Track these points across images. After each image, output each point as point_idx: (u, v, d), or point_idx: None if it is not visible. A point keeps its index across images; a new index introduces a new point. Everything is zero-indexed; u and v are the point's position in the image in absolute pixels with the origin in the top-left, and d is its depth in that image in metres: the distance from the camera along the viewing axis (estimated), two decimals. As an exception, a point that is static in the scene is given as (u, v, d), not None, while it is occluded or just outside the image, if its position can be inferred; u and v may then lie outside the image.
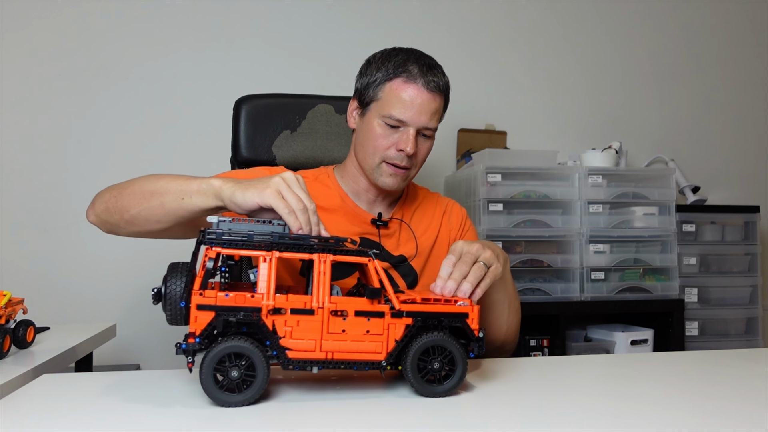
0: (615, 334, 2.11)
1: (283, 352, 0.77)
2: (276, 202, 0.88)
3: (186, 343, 0.75)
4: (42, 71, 2.18)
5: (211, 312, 0.75)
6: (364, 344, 0.79)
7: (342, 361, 0.79)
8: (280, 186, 0.90)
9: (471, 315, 0.83)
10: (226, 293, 0.76)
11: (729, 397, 0.85)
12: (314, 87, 2.05)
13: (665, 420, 0.74)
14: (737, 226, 2.37)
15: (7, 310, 1.12)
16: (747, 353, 1.26)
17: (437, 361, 0.81)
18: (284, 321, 0.77)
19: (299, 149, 1.60)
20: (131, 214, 1.03)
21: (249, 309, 0.76)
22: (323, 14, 2.39)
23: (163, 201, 1.00)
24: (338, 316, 0.79)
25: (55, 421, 0.72)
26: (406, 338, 0.80)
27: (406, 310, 0.81)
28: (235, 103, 1.61)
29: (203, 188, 0.96)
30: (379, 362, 0.80)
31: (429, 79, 1.17)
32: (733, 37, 2.80)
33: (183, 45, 2.28)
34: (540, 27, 2.59)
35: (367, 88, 1.22)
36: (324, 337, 0.78)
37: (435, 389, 0.81)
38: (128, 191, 1.04)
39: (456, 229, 1.37)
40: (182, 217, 1.00)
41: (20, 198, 2.14)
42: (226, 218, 0.82)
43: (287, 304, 0.77)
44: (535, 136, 2.54)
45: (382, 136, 1.19)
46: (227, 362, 0.74)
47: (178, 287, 0.77)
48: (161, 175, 1.04)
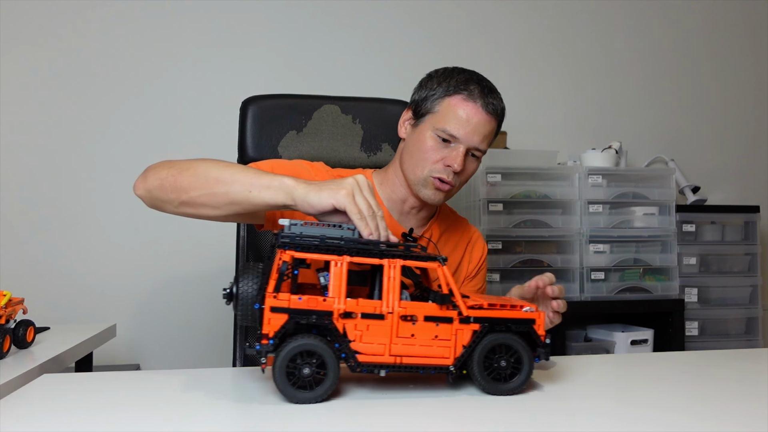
0: (615, 334, 2.11)
1: (353, 355, 0.78)
2: (349, 206, 0.89)
3: (260, 345, 0.76)
4: (43, 71, 2.18)
5: (285, 315, 0.76)
6: (432, 349, 0.80)
7: (410, 365, 0.80)
8: (354, 189, 0.91)
9: (538, 321, 0.84)
10: (299, 296, 0.77)
11: (729, 397, 0.85)
12: (320, 87, 2.05)
13: (665, 420, 0.74)
14: (737, 226, 2.37)
15: (7, 310, 1.12)
16: (747, 353, 1.26)
17: (503, 359, 0.82)
18: (354, 325, 0.78)
19: (305, 149, 1.60)
20: (190, 196, 1.01)
21: (321, 312, 0.77)
22: (330, 15, 2.38)
23: (228, 190, 0.98)
24: (408, 321, 0.79)
25: (55, 421, 0.72)
26: (473, 344, 0.81)
27: (474, 315, 0.81)
28: (242, 103, 1.61)
29: (275, 185, 0.96)
30: (446, 367, 0.81)
31: (488, 101, 1.20)
32: (734, 37, 2.80)
33: (189, 45, 2.28)
34: (540, 27, 2.59)
35: (425, 101, 1.23)
36: (393, 342, 0.79)
37: (502, 387, 0.82)
38: (190, 172, 1.01)
39: (475, 263, 1.38)
40: (245, 209, 1.00)
41: (20, 198, 2.14)
42: (298, 221, 0.83)
43: (358, 309, 0.78)
44: (535, 136, 2.54)
45: (433, 149, 1.20)
46: (298, 361, 0.76)
47: (251, 288, 0.78)
48: (227, 163, 1.02)
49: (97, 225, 2.19)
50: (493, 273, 2.02)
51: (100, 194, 2.19)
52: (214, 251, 2.20)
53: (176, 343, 2.20)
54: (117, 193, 2.20)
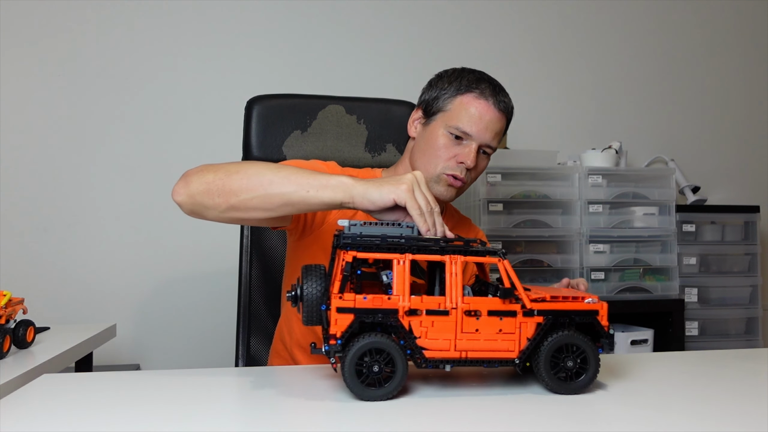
0: (615, 334, 2.11)
1: (420, 351, 0.79)
2: (410, 201, 0.90)
3: (328, 345, 0.77)
4: (44, 71, 2.18)
5: (351, 314, 0.77)
6: (497, 343, 0.81)
7: (476, 359, 0.81)
8: (414, 184, 0.92)
9: (601, 312, 0.84)
10: (364, 296, 0.78)
11: (729, 397, 0.85)
12: (325, 87, 2.05)
13: (665, 420, 0.74)
14: (737, 226, 2.37)
15: (7, 310, 1.12)
16: (747, 353, 1.26)
17: (570, 359, 0.82)
18: (420, 321, 0.79)
19: (309, 149, 1.60)
20: (240, 199, 0.99)
21: (387, 311, 0.78)
22: (335, 15, 2.39)
23: (284, 191, 0.98)
24: (472, 316, 0.80)
25: (55, 421, 0.72)
26: (538, 336, 0.81)
27: (537, 308, 0.82)
28: (247, 103, 1.62)
29: (332, 183, 0.96)
30: (512, 360, 0.81)
31: (500, 99, 1.21)
32: (733, 37, 2.80)
33: (194, 45, 2.28)
34: (540, 27, 2.59)
35: (436, 100, 1.25)
36: (458, 337, 0.80)
37: (568, 386, 0.82)
38: (240, 175, 1.00)
39: None
40: (300, 209, 1.01)
41: (20, 198, 2.14)
42: (357, 222, 0.84)
43: (422, 305, 0.79)
44: (535, 136, 2.54)
45: (445, 146, 1.22)
46: (365, 359, 0.76)
47: (315, 290, 0.79)
48: (275, 165, 1.02)
49: (97, 225, 2.19)
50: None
51: (101, 194, 2.19)
52: (215, 251, 2.20)
53: (176, 343, 2.20)
54: (117, 192, 2.20)
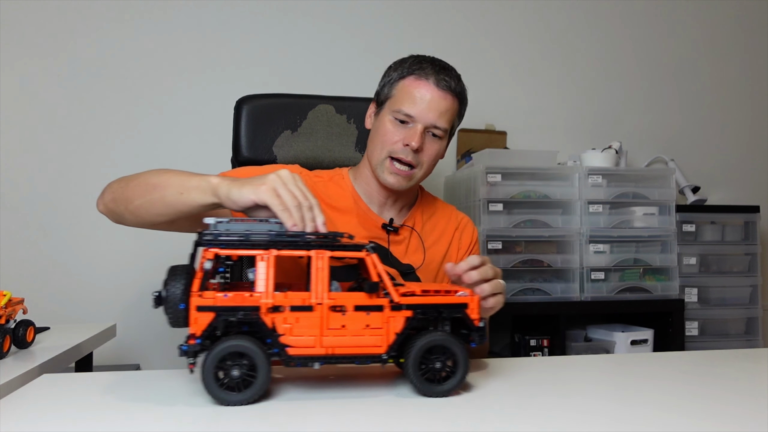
0: (615, 334, 2.11)
1: (284, 349, 0.78)
2: (270, 199, 0.89)
3: (187, 345, 0.75)
4: (42, 71, 2.18)
5: (211, 313, 0.76)
6: (364, 338, 0.80)
7: (343, 356, 0.79)
8: (275, 183, 0.91)
9: (471, 305, 0.84)
10: (225, 293, 0.76)
11: (729, 397, 0.85)
12: (315, 87, 2.05)
13: (665, 420, 0.74)
14: (737, 226, 2.37)
15: (7, 310, 1.12)
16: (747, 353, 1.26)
17: (439, 360, 0.81)
18: (284, 318, 0.78)
19: (300, 149, 1.60)
20: (135, 205, 1.06)
21: (248, 308, 0.77)
22: (324, 14, 2.38)
23: (163, 195, 1.02)
24: (337, 312, 0.79)
25: (55, 421, 0.72)
26: (406, 330, 0.81)
27: (405, 302, 0.81)
28: (236, 103, 1.61)
29: (202, 185, 0.98)
30: (379, 356, 0.80)
31: (440, 78, 1.20)
32: (734, 37, 2.80)
33: (184, 45, 2.28)
34: (540, 27, 2.59)
35: (383, 89, 1.26)
36: (324, 333, 0.79)
37: (435, 389, 0.81)
38: (134, 183, 1.07)
39: (464, 249, 1.37)
40: (181, 211, 1.02)
41: (20, 198, 2.14)
42: (223, 219, 0.82)
43: (286, 302, 0.78)
44: (535, 136, 2.54)
45: (391, 131, 1.21)
46: (229, 361, 0.75)
47: (177, 290, 0.77)
48: (166, 170, 1.06)
49: (97, 225, 2.18)
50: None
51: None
52: (214, 251, 2.20)
53: (176, 343, 2.18)
54: (117, 193, 2.20)
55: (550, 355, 2.08)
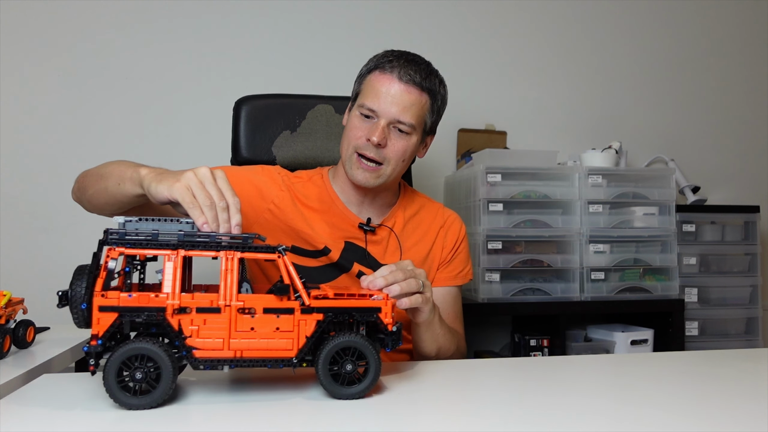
0: (615, 334, 2.11)
1: (190, 351, 0.76)
2: (182, 196, 0.86)
3: (88, 346, 0.74)
4: (42, 71, 2.18)
5: (114, 313, 0.74)
6: (274, 341, 0.78)
7: (252, 359, 0.78)
8: (190, 180, 0.87)
9: (384, 309, 0.82)
10: (129, 293, 0.75)
11: (729, 397, 0.85)
12: (314, 87, 2.04)
13: (665, 420, 0.74)
14: (737, 226, 2.37)
15: (7, 310, 1.12)
16: (747, 353, 1.26)
17: (350, 362, 0.79)
18: (190, 320, 0.76)
19: (299, 149, 1.60)
20: (88, 194, 1.09)
21: (153, 309, 0.75)
22: (323, 14, 2.38)
23: (106, 185, 1.04)
24: (246, 314, 0.78)
25: (55, 421, 0.72)
26: (317, 334, 0.79)
27: (316, 305, 0.80)
28: (235, 103, 1.61)
29: (134, 176, 0.98)
30: (290, 359, 0.79)
31: (404, 72, 1.17)
32: (734, 37, 2.80)
33: (183, 45, 2.27)
34: (540, 27, 2.59)
35: (355, 83, 1.26)
36: (232, 336, 0.77)
37: (346, 391, 0.79)
38: (90, 173, 1.10)
39: (450, 247, 1.34)
40: (120, 201, 1.03)
41: (20, 198, 2.14)
42: (133, 218, 0.80)
43: (193, 303, 0.76)
44: (535, 136, 2.54)
45: (357, 126, 1.20)
46: (134, 364, 0.73)
47: (80, 289, 0.76)
48: (117, 162, 1.06)
49: (97, 225, 2.18)
50: (493, 273, 2.02)
51: (100, 194, 2.19)
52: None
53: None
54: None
55: (550, 355, 2.08)
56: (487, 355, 2.22)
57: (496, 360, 1.09)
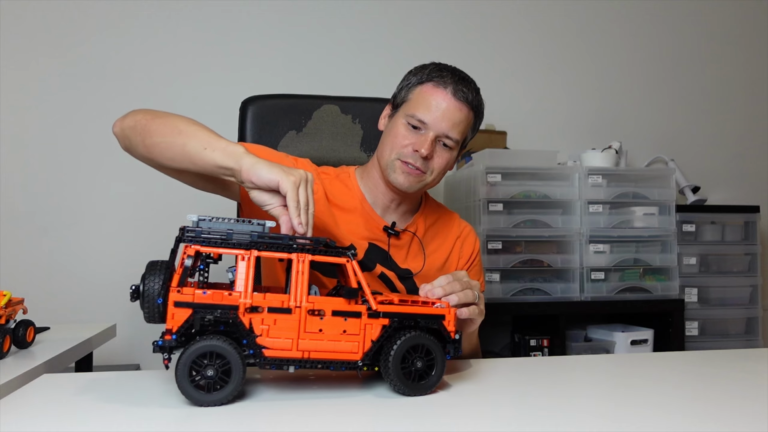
0: (615, 334, 2.11)
1: (260, 350, 0.77)
2: (291, 192, 0.90)
3: (162, 340, 0.75)
4: (43, 71, 2.18)
5: (189, 309, 0.75)
6: (340, 344, 0.80)
7: (318, 360, 0.79)
8: (301, 180, 0.92)
9: (447, 317, 0.84)
10: (204, 291, 0.76)
11: (729, 397, 0.85)
12: (320, 87, 2.05)
13: (665, 420, 0.74)
14: (737, 226, 2.37)
15: (7, 310, 1.12)
16: (747, 353, 1.26)
17: (420, 359, 0.81)
18: (261, 319, 0.77)
19: (305, 149, 1.60)
20: (153, 141, 1.05)
21: (226, 307, 0.76)
22: (330, 15, 2.38)
23: (186, 142, 1.01)
24: (315, 316, 0.79)
25: (55, 421, 0.72)
26: (382, 338, 0.81)
27: (383, 310, 0.81)
28: (242, 103, 1.61)
29: (229, 149, 0.98)
30: (355, 362, 0.80)
31: (458, 88, 1.19)
32: (733, 37, 2.80)
33: (189, 45, 2.28)
34: (540, 28, 2.59)
35: (401, 92, 1.25)
36: (301, 336, 0.78)
37: (416, 387, 0.81)
38: (161, 119, 1.06)
39: (465, 258, 1.37)
40: (197, 165, 1.01)
41: (20, 198, 2.14)
42: (206, 217, 0.81)
43: (264, 303, 0.78)
44: (535, 136, 2.54)
45: (403, 135, 1.20)
46: (203, 361, 0.74)
47: (156, 284, 0.77)
48: (197, 123, 1.06)
49: (97, 225, 2.19)
50: (493, 273, 2.02)
51: (100, 194, 2.19)
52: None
53: (176, 343, 2.19)
54: (117, 192, 2.20)
55: (550, 355, 2.08)
56: (487, 355, 2.22)
57: (496, 360, 1.09)
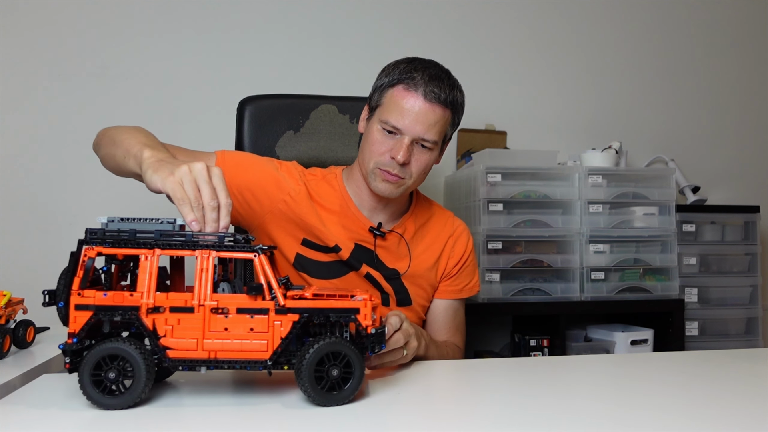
0: (615, 334, 2.11)
1: (164, 351, 0.75)
2: (174, 191, 0.86)
3: (64, 344, 0.74)
4: (43, 71, 2.18)
5: (89, 311, 0.75)
6: (248, 343, 0.76)
7: (225, 360, 0.76)
8: (184, 175, 0.86)
9: (363, 310, 0.78)
10: (105, 292, 0.75)
11: (729, 397, 0.85)
12: (317, 87, 2.05)
13: (665, 420, 0.74)
14: (737, 226, 2.37)
15: (7, 310, 1.12)
16: (747, 353, 1.26)
17: (336, 367, 0.76)
18: (164, 320, 0.76)
19: (303, 149, 1.60)
20: (101, 153, 1.12)
21: (127, 308, 0.75)
22: (326, 14, 2.38)
23: (115, 153, 1.05)
24: (220, 314, 0.76)
25: (55, 421, 0.72)
26: (292, 335, 0.77)
27: (293, 306, 0.78)
28: (239, 103, 1.61)
29: (138, 155, 0.97)
30: (264, 361, 0.77)
31: (429, 89, 1.16)
32: (733, 37, 2.80)
33: (186, 45, 2.27)
34: (540, 27, 2.59)
35: (374, 93, 1.23)
36: (206, 336, 0.76)
37: (333, 397, 0.77)
38: (110, 133, 1.11)
39: (456, 260, 1.35)
40: (124, 173, 1.04)
41: (20, 198, 2.14)
42: (116, 218, 0.80)
43: (167, 303, 0.76)
44: (535, 136, 2.54)
45: (379, 141, 1.19)
46: (107, 364, 0.73)
47: (60, 289, 0.77)
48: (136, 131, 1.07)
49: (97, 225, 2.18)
50: (493, 273, 2.02)
51: (100, 194, 2.19)
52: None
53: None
54: (117, 192, 2.20)
55: (550, 355, 2.08)
56: (487, 355, 2.22)
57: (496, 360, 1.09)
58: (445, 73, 1.21)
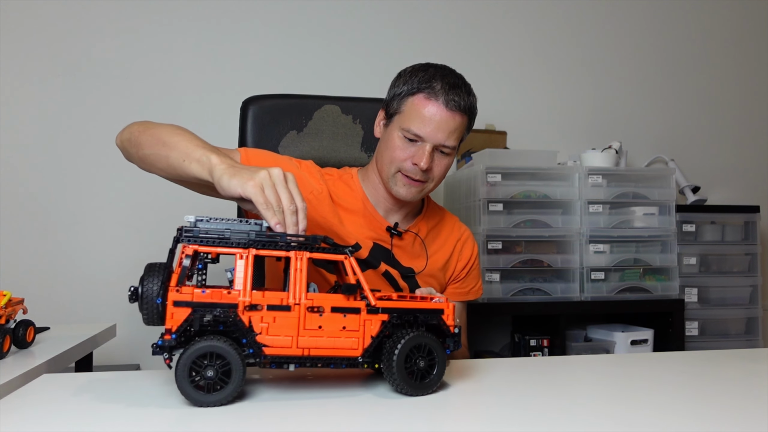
0: (615, 334, 2.11)
1: (260, 348, 0.77)
2: (255, 196, 0.88)
3: (162, 340, 0.75)
4: (44, 71, 2.18)
5: (188, 308, 0.75)
6: (340, 340, 0.80)
7: (318, 357, 0.79)
8: (264, 180, 0.89)
9: (446, 311, 0.84)
10: (203, 290, 0.76)
11: (729, 397, 0.85)
12: (321, 87, 2.05)
13: (665, 420, 0.74)
14: (737, 226, 2.37)
15: (7, 310, 1.12)
16: (747, 353, 1.26)
17: (422, 359, 0.81)
18: (261, 317, 0.77)
19: (306, 150, 1.60)
20: (144, 153, 1.08)
21: (225, 305, 0.76)
22: (330, 15, 2.39)
23: (169, 154, 1.03)
24: (315, 313, 0.79)
25: (55, 421, 0.72)
26: (381, 334, 0.81)
27: (381, 306, 0.81)
28: (242, 103, 1.61)
29: (203, 159, 0.97)
30: (355, 358, 0.80)
31: (450, 98, 1.19)
32: (734, 37, 2.80)
33: (190, 45, 2.28)
34: (540, 27, 2.59)
35: (393, 100, 1.25)
36: (300, 334, 0.78)
37: (418, 386, 0.81)
38: (150, 132, 1.09)
39: (464, 263, 1.39)
40: (180, 176, 1.03)
41: (20, 198, 2.14)
42: (204, 217, 0.82)
43: (264, 301, 0.78)
44: (535, 136, 2.54)
45: (400, 148, 1.22)
46: (203, 362, 0.74)
47: (154, 285, 0.77)
48: (183, 131, 1.06)
49: (97, 225, 2.19)
50: (493, 273, 2.02)
51: (101, 194, 2.19)
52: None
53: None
54: (117, 192, 2.20)
55: (550, 355, 2.08)
56: (487, 355, 2.22)
57: (496, 360, 1.09)
58: (461, 80, 1.24)
